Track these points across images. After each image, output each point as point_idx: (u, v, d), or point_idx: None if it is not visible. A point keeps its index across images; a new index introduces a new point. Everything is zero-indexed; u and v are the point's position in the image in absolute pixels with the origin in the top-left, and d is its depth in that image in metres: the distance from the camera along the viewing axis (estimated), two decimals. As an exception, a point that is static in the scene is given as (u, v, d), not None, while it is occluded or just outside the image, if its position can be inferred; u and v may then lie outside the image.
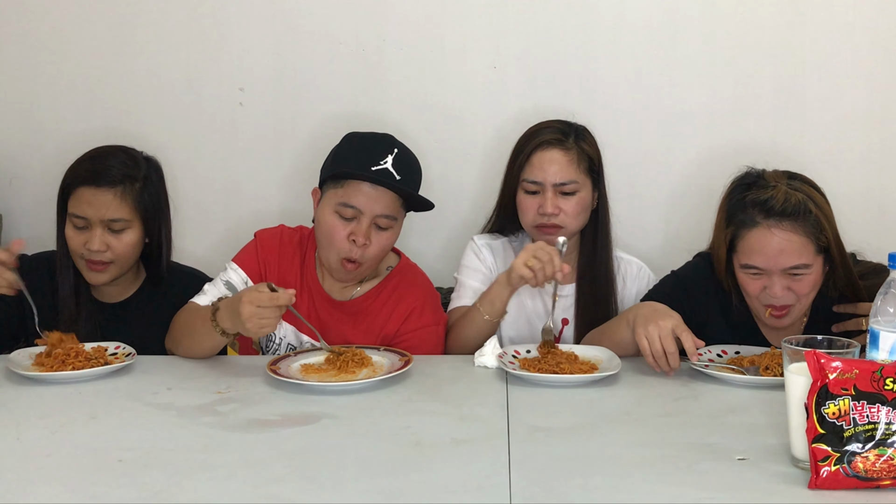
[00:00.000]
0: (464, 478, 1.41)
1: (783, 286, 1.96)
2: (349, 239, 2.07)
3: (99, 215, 2.11)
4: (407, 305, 2.19)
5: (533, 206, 2.25)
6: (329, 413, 1.70)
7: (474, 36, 2.80)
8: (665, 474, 1.42)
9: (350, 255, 2.08)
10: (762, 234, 1.94)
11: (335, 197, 2.08)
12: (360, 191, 2.05)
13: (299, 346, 2.19)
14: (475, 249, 2.36)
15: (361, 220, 2.07)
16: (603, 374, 1.89)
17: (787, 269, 1.94)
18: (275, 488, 1.38)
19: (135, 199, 2.15)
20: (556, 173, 2.23)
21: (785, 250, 1.92)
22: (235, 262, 2.20)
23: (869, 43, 2.74)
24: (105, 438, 1.58)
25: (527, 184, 2.25)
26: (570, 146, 2.25)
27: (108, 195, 2.12)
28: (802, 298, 1.99)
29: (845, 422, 1.33)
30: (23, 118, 2.87)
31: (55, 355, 1.97)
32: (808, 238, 1.93)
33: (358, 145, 2.12)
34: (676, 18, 2.77)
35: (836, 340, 1.49)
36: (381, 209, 2.07)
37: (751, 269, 1.98)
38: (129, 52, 2.83)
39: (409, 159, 2.12)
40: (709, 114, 2.79)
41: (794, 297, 1.97)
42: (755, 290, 2.00)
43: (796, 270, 1.94)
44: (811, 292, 1.99)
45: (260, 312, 1.84)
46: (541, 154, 2.24)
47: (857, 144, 2.79)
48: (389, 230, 2.11)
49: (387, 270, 2.24)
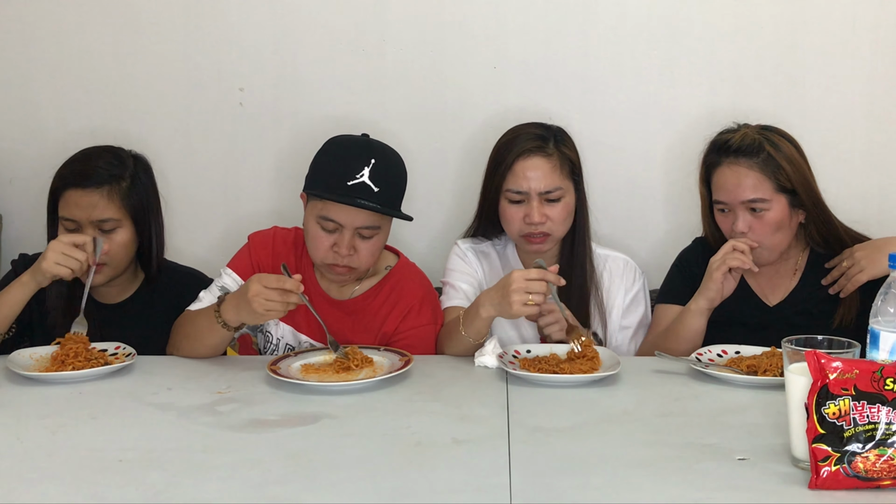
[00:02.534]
0: (464, 478, 1.41)
1: (746, 222, 2.15)
2: (332, 250, 2.06)
3: (88, 216, 2.11)
4: (406, 304, 2.18)
5: (518, 215, 2.21)
6: (329, 413, 1.70)
7: (474, 36, 2.79)
8: (665, 474, 1.42)
9: (336, 262, 2.08)
10: (723, 171, 2.19)
11: (316, 209, 2.07)
12: (338, 206, 2.03)
13: (298, 347, 2.18)
14: (460, 254, 2.34)
15: (343, 232, 2.05)
16: (603, 374, 1.89)
17: (747, 203, 2.14)
18: (275, 488, 1.38)
19: (122, 198, 2.15)
20: (541, 181, 2.18)
21: (741, 184, 2.14)
22: (230, 267, 2.20)
23: (869, 43, 2.73)
24: (105, 438, 1.59)
25: (510, 194, 2.21)
26: (552, 151, 2.21)
27: (95, 196, 2.12)
28: (766, 237, 2.16)
29: (845, 422, 1.33)
30: (23, 118, 2.86)
31: (54, 355, 1.97)
32: (763, 174, 2.14)
33: (334, 155, 2.08)
34: (676, 19, 2.77)
35: (836, 340, 1.49)
36: (362, 222, 2.04)
37: (720, 205, 2.20)
38: (129, 52, 2.83)
39: (387, 166, 2.07)
40: (709, 114, 2.78)
41: (758, 234, 2.15)
42: (727, 229, 2.20)
43: (754, 205, 2.14)
44: (776, 232, 2.16)
45: (266, 293, 1.85)
46: (523, 163, 2.20)
47: (857, 144, 2.78)
48: (374, 237, 2.08)
49: (385, 270, 2.23)
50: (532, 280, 1.93)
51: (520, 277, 1.93)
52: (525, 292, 1.92)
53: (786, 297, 2.25)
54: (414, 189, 2.87)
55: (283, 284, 1.86)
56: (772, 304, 2.25)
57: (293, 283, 1.87)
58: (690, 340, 2.14)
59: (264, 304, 1.86)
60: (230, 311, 1.94)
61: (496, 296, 1.98)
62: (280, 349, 2.20)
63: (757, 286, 2.27)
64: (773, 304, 2.25)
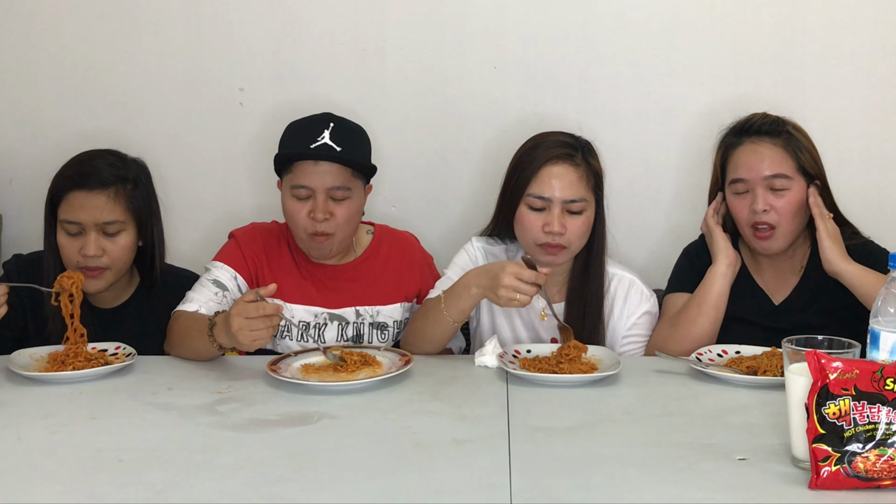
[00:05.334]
0: (464, 478, 1.41)
1: (766, 201, 2.14)
2: (309, 216, 2.13)
3: (93, 218, 2.07)
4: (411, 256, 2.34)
5: (537, 223, 2.12)
6: (329, 413, 1.70)
7: (474, 36, 2.79)
8: (665, 474, 1.42)
9: (315, 230, 2.14)
10: (745, 149, 2.19)
11: (288, 182, 2.16)
12: (306, 170, 2.12)
13: (313, 321, 2.22)
14: (470, 252, 2.30)
15: (316, 196, 2.12)
16: (603, 374, 1.89)
17: (768, 179, 2.14)
18: (275, 488, 1.38)
19: (128, 200, 2.12)
20: (566, 189, 2.11)
21: (765, 159, 2.15)
22: (219, 260, 2.22)
23: (869, 43, 2.73)
24: (105, 438, 1.58)
25: (532, 199, 2.13)
26: (580, 162, 2.14)
27: (100, 197, 2.08)
28: (784, 219, 2.15)
29: (846, 422, 1.33)
30: (23, 118, 2.86)
31: (53, 355, 1.97)
32: (786, 152, 2.16)
33: (295, 128, 2.20)
34: (677, 18, 2.77)
35: (836, 340, 1.49)
36: (332, 181, 2.12)
37: (738, 183, 2.19)
38: (129, 51, 2.83)
39: (347, 130, 2.18)
40: (709, 114, 2.78)
41: (776, 216, 2.14)
42: (743, 211, 2.18)
43: (776, 182, 2.14)
44: (794, 216, 2.16)
45: (250, 324, 1.84)
46: (549, 168, 2.12)
47: (857, 144, 2.78)
48: (347, 200, 2.15)
49: (368, 234, 2.34)
50: (523, 281, 1.92)
51: (512, 274, 1.92)
52: (514, 290, 1.92)
53: (789, 294, 2.24)
54: (411, 190, 2.88)
55: (264, 311, 1.85)
56: (777, 302, 2.25)
57: (273, 307, 1.86)
58: (713, 306, 2.15)
59: (250, 335, 1.85)
60: (223, 338, 1.93)
61: (485, 279, 1.97)
62: (293, 328, 2.22)
63: (763, 283, 2.27)
64: (778, 302, 2.25)
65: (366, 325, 2.27)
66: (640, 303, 2.23)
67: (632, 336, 2.23)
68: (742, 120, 2.25)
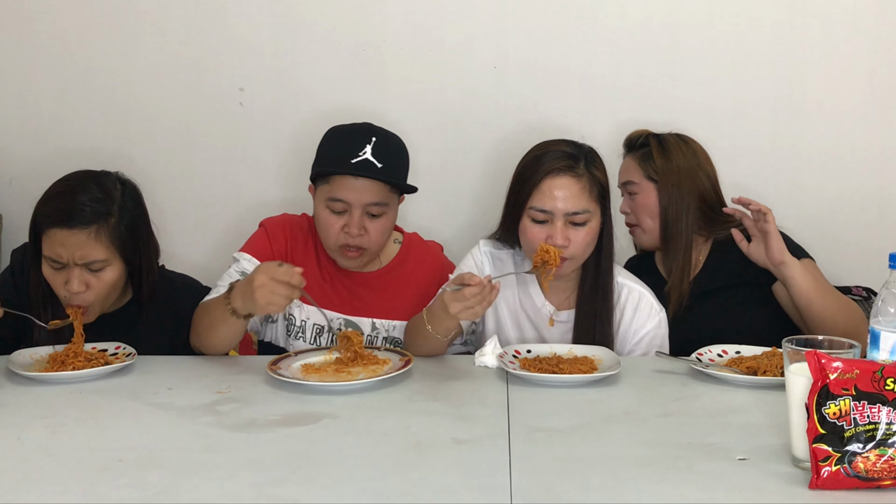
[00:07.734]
0: (464, 478, 1.41)
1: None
2: (343, 230, 2.11)
3: (75, 258, 1.99)
4: (434, 268, 2.30)
5: (540, 236, 2.09)
6: (329, 413, 1.70)
7: (474, 36, 2.80)
8: (665, 474, 1.42)
9: (348, 243, 2.12)
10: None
11: (324, 193, 2.12)
12: (345, 184, 2.08)
13: (327, 325, 2.20)
14: (476, 257, 2.25)
15: (352, 211, 2.10)
16: (603, 374, 1.89)
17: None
18: (275, 488, 1.37)
19: (111, 237, 2.01)
20: (568, 202, 2.07)
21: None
22: (247, 251, 2.20)
23: (869, 43, 2.74)
24: (105, 438, 1.58)
25: (534, 212, 2.09)
26: (582, 172, 2.09)
27: (81, 236, 1.97)
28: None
29: (846, 422, 1.33)
30: (23, 119, 2.87)
31: (53, 355, 1.96)
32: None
33: (337, 139, 2.15)
34: (677, 19, 2.77)
35: (836, 341, 1.49)
36: (370, 198, 2.09)
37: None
38: (129, 52, 2.83)
39: (389, 145, 2.14)
40: (709, 114, 2.79)
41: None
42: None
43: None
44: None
45: (272, 286, 1.83)
46: (551, 181, 2.08)
47: (857, 144, 2.78)
48: (383, 216, 2.13)
49: (396, 244, 2.30)
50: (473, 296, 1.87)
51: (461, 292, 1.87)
52: (466, 308, 1.87)
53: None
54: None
55: (291, 279, 1.84)
56: None
57: (300, 279, 1.86)
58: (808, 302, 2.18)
59: (268, 295, 1.84)
60: (238, 300, 1.91)
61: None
62: (307, 330, 2.21)
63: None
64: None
65: (379, 338, 2.24)
66: (648, 318, 2.19)
67: (635, 352, 2.20)
68: None
